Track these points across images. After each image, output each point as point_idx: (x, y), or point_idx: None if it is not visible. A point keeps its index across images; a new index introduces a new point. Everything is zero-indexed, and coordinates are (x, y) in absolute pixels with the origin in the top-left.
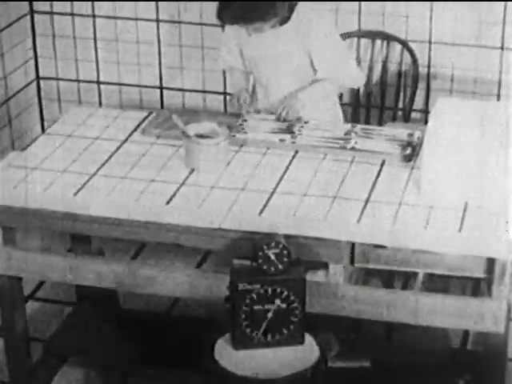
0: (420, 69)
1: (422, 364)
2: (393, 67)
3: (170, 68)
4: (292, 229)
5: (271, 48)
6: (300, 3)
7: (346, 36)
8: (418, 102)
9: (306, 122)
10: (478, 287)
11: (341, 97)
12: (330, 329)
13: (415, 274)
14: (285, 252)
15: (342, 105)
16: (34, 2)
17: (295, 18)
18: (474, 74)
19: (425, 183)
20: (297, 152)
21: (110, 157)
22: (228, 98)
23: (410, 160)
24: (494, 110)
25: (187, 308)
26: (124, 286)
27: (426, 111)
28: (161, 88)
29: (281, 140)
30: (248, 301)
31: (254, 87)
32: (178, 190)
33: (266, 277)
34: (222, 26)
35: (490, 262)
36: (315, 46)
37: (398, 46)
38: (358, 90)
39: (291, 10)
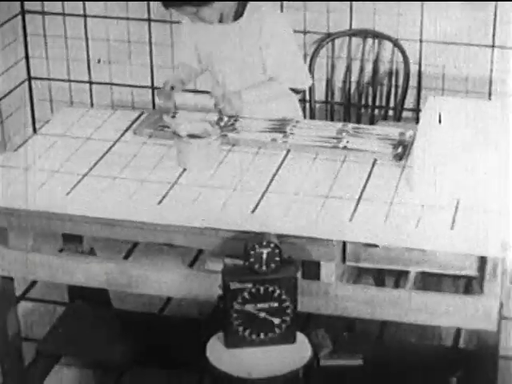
0: (411, 67)
1: (414, 362)
2: (384, 66)
3: (161, 68)
4: (284, 228)
5: (225, 44)
6: None
7: (337, 35)
8: (410, 101)
9: (297, 122)
10: (469, 285)
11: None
12: (322, 327)
13: (407, 273)
14: (276, 251)
15: (335, 104)
16: (26, 2)
17: (249, 14)
18: (466, 73)
19: (416, 182)
20: (289, 151)
21: (102, 157)
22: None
23: (401, 159)
24: (486, 108)
25: (179, 307)
26: (116, 286)
27: (417, 110)
28: (152, 88)
29: (273, 139)
30: (240, 300)
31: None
32: (169, 189)
33: (258, 276)
34: None
35: (482, 260)
36: (265, 44)
37: (389, 45)
38: (350, 88)
39: (243, 5)
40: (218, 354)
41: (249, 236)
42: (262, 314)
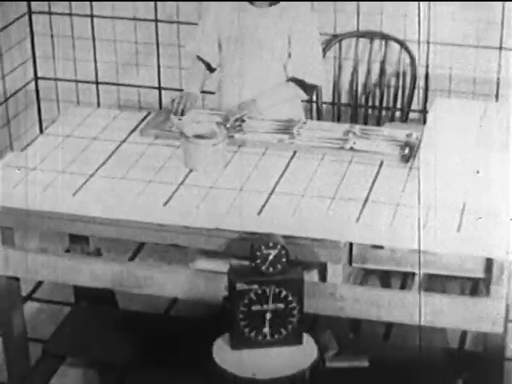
0: (418, 69)
1: (420, 364)
2: (391, 67)
3: (168, 68)
4: (290, 229)
5: (254, 27)
6: None
7: (344, 36)
8: (416, 103)
9: (304, 123)
10: (476, 287)
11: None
12: (328, 329)
13: (413, 274)
14: (283, 252)
15: (342, 105)
16: (33, 2)
17: (283, 4)
18: (473, 74)
19: (423, 183)
20: (295, 152)
21: (109, 157)
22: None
23: (408, 160)
24: (493, 110)
25: (185, 308)
26: (122, 287)
27: (424, 111)
28: (159, 88)
29: (279, 140)
30: (246, 301)
31: (219, 85)
32: (176, 190)
33: (264, 277)
34: None
35: (489, 262)
36: (295, 33)
37: (397, 46)
38: (357, 90)
39: None
40: (224, 354)
41: (255, 237)
42: (268, 315)
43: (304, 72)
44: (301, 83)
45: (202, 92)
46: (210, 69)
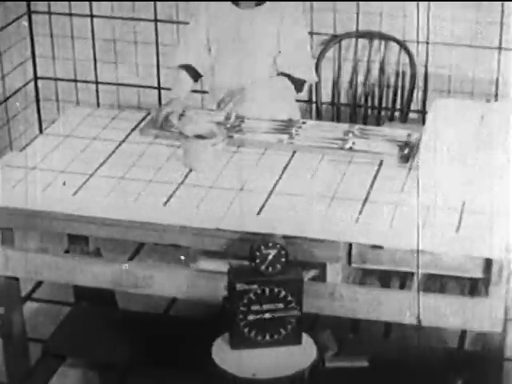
0: (417, 69)
1: (419, 364)
2: (390, 67)
3: (167, 68)
4: (290, 229)
5: (242, 28)
6: None
7: (344, 36)
8: (416, 103)
9: (303, 123)
10: (475, 287)
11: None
12: (327, 328)
13: (412, 274)
14: (282, 252)
15: (341, 105)
16: (32, 2)
17: (269, 4)
18: (472, 74)
19: (422, 183)
20: (294, 152)
21: (108, 157)
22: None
23: (407, 160)
24: (492, 110)
25: (185, 308)
26: (122, 287)
27: (423, 111)
28: (159, 88)
29: (279, 140)
30: (246, 301)
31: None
32: (175, 190)
33: (264, 277)
34: None
35: (488, 262)
36: (285, 30)
37: (396, 46)
38: (356, 90)
39: None
40: (224, 354)
41: (255, 237)
42: (268, 315)
43: (290, 66)
44: (289, 78)
45: (202, 92)
46: (198, 75)
